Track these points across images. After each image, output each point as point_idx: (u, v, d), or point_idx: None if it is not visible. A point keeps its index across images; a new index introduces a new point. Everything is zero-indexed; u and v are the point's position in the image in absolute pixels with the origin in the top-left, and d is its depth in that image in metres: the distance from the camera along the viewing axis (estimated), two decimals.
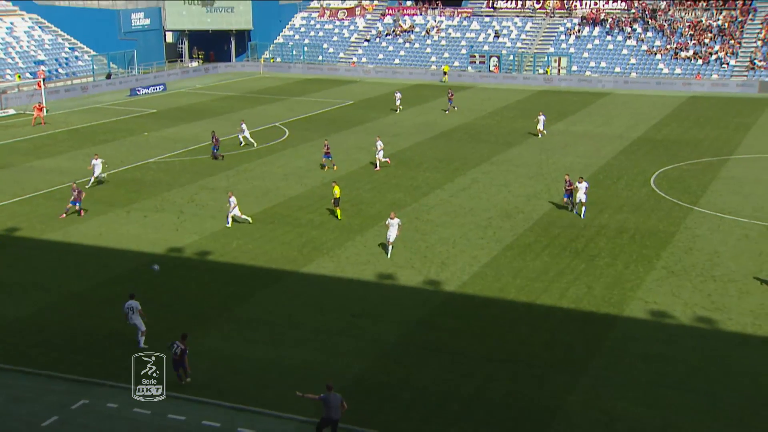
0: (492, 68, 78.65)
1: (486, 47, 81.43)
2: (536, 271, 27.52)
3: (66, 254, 29.03)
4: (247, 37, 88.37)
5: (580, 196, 32.38)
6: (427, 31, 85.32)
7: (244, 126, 47.30)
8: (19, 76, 65.99)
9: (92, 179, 37.50)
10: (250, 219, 32.41)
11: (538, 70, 77.27)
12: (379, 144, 41.56)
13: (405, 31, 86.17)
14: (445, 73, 77.48)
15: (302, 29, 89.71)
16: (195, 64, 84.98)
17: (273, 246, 29.92)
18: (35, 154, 44.79)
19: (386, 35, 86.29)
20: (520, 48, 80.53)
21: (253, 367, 20.82)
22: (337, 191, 32.93)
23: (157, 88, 70.69)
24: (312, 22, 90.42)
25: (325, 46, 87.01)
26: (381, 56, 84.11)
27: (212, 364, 20.88)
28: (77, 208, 33.08)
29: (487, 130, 52.86)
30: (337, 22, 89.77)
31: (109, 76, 72.76)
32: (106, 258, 28.59)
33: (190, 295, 25.35)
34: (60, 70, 71.56)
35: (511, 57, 78.75)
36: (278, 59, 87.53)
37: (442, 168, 42.04)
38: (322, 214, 33.91)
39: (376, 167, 40.84)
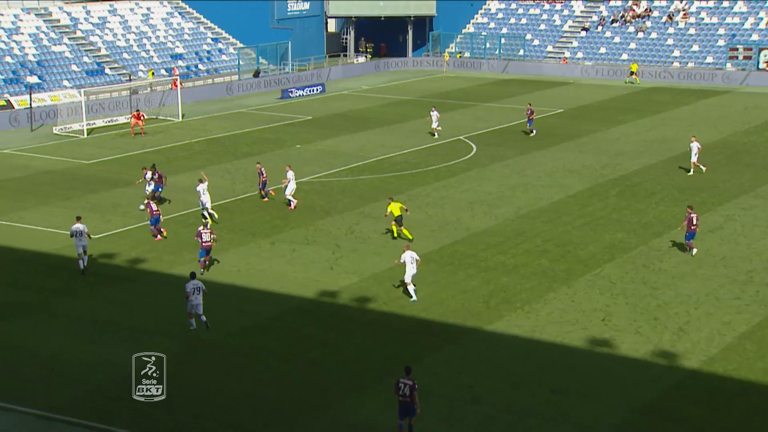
0: (762, 65, 75.30)
1: (755, 36, 78.15)
2: None
3: None
4: (429, 25, 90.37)
5: None
6: (669, 16, 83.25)
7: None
8: (153, 73, 71.39)
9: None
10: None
11: None
12: (290, 174, 40.25)
13: (638, 17, 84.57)
14: (632, 72, 75.82)
15: (499, 15, 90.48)
16: (362, 59, 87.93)
17: (451, 294, 30.16)
18: (166, 168, 47.95)
19: (612, 22, 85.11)
20: None
21: None
22: (394, 209, 35.12)
23: (315, 89, 73.83)
24: (513, 6, 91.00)
25: (528, 37, 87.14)
26: (603, 50, 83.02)
27: None
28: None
29: (750, 150, 50.65)
30: (546, 6, 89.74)
31: (257, 74, 76.97)
32: (243, 301, 30.03)
33: (345, 354, 26.04)
34: (200, 66, 76.67)
35: None
36: (467, 54, 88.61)
37: (682, 200, 40.70)
38: (517, 255, 33.84)
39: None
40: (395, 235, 35.68)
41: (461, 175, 46.07)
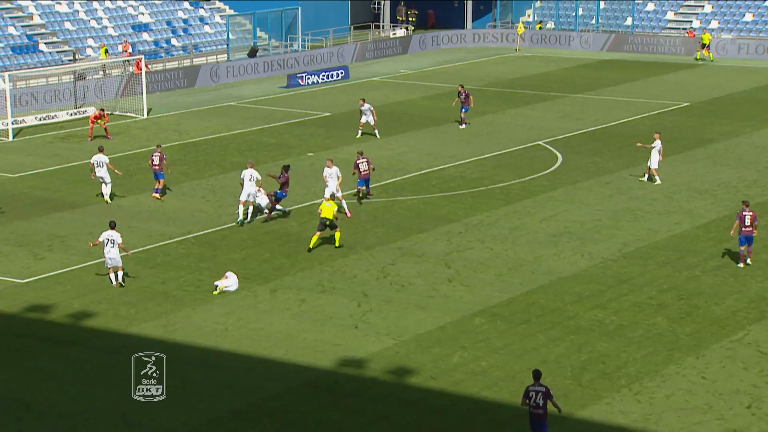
0: None
1: None
2: None
3: (169, 363, 30.74)
4: None
5: None
6: None
7: None
8: (106, 51, 71.82)
9: None
10: None
11: None
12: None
13: None
14: (704, 45, 77.02)
15: None
16: (401, 32, 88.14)
17: (527, 365, 29.94)
18: (125, 184, 48.22)
19: None
20: None
21: None
22: (326, 210, 38.57)
23: (334, 74, 74.12)
24: None
25: None
26: (749, 17, 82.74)
27: None
28: None
29: None
30: None
31: (253, 53, 77.36)
32: (232, 373, 30.01)
33: None
34: (174, 42, 77.22)
35: None
36: (550, 24, 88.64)
37: None
38: (622, 310, 33.72)
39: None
40: (310, 245, 39.25)
41: (541, 196, 46.02)
